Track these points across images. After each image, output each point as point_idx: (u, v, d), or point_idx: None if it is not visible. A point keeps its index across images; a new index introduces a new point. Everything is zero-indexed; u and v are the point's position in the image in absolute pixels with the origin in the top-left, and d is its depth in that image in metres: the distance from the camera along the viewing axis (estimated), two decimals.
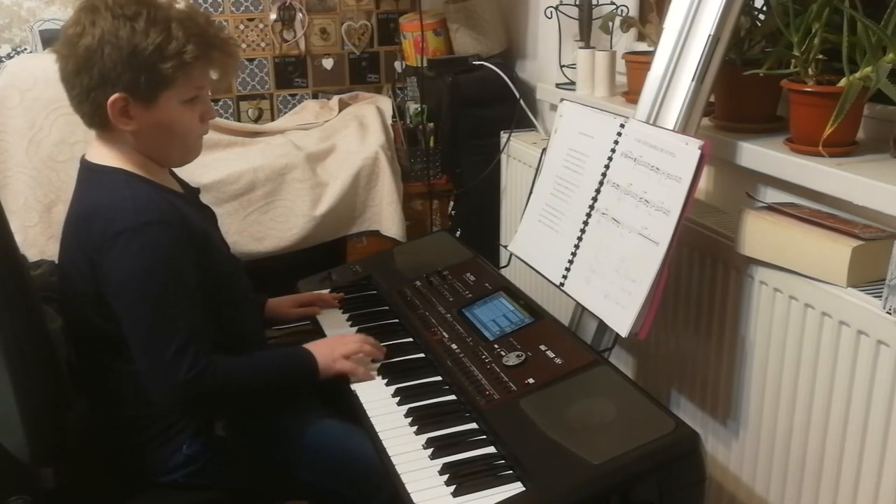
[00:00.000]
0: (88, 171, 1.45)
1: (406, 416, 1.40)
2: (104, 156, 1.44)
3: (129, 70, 1.35)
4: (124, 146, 1.43)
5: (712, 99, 1.62)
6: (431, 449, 1.30)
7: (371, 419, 1.40)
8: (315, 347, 1.54)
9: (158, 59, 1.36)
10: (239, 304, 1.55)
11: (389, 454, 1.30)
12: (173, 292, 1.36)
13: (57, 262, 1.52)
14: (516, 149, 2.39)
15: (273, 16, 3.02)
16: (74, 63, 1.37)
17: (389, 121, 2.73)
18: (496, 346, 1.51)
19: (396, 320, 1.73)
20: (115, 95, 1.36)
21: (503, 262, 2.06)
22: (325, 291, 1.91)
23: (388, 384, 1.50)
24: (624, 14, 2.06)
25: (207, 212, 1.64)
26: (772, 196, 1.55)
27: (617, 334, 1.49)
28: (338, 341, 1.57)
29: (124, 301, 1.36)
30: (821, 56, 1.41)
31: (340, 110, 2.90)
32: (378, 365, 1.56)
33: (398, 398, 1.46)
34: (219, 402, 1.45)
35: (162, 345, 1.35)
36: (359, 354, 1.54)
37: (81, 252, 1.39)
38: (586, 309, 1.58)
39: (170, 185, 1.50)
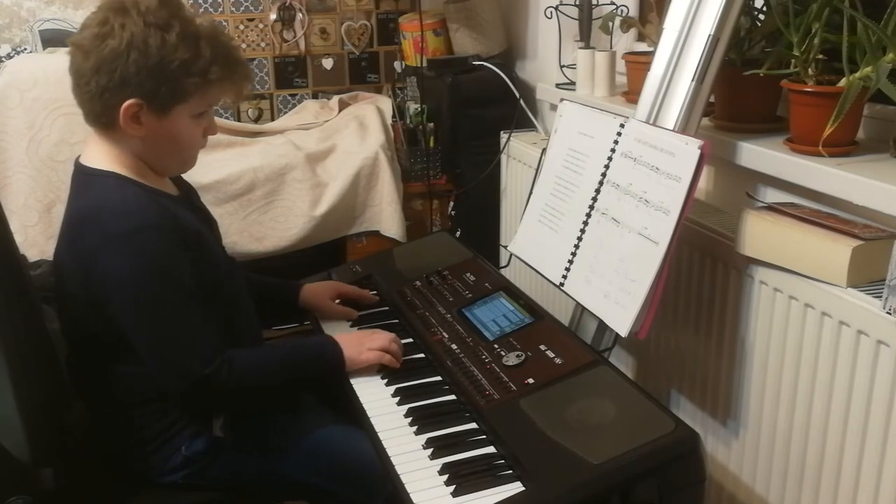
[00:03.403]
0: (81, 175, 1.45)
1: (406, 416, 1.40)
2: (98, 157, 1.43)
3: (152, 79, 1.35)
4: (123, 147, 1.42)
5: (712, 99, 1.62)
6: (431, 449, 1.30)
7: (371, 419, 1.40)
8: (342, 339, 1.55)
9: (183, 74, 1.37)
10: (235, 305, 1.55)
11: (389, 454, 1.30)
12: (172, 295, 1.36)
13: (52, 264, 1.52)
14: (516, 149, 2.39)
15: (273, 16, 3.02)
16: (96, 61, 1.35)
17: (389, 121, 2.74)
18: (496, 346, 1.51)
19: (396, 320, 1.73)
20: (131, 101, 1.36)
21: (503, 262, 2.06)
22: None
23: (387, 384, 1.50)
24: (624, 14, 2.06)
25: (203, 214, 1.62)
26: (772, 196, 1.55)
27: (617, 334, 1.49)
28: (366, 335, 1.58)
29: (125, 307, 1.36)
30: (821, 56, 1.41)
31: (340, 110, 2.90)
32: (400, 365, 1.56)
33: (398, 398, 1.46)
34: (241, 396, 1.45)
35: (171, 347, 1.37)
36: (387, 350, 1.54)
37: (73, 257, 1.40)
38: (586, 309, 1.58)
39: (163, 187, 1.49)
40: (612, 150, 1.57)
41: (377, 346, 1.54)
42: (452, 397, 1.45)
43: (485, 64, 2.58)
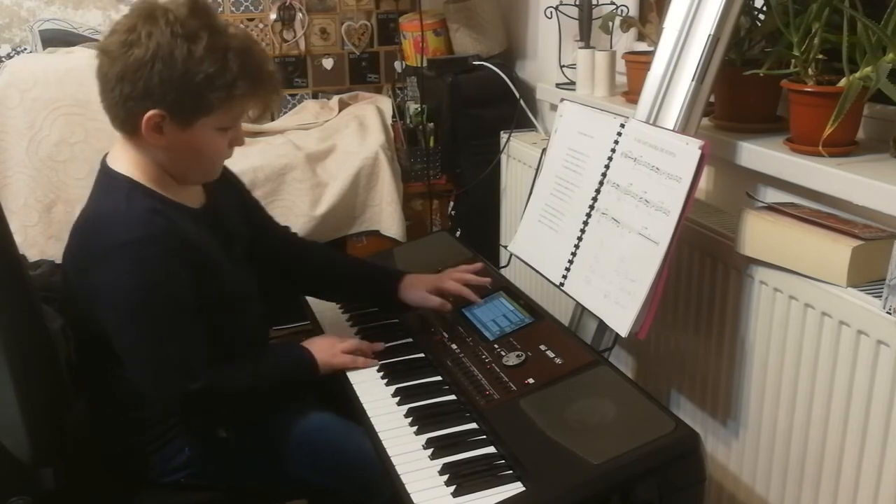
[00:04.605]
0: (103, 175, 1.44)
1: (406, 416, 1.40)
2: (121, 161, 1.42)
3: (175, 91, 1.32)
4: (145, 154, 1.40)
5: (712, 99, 1.62)
6: (431, 449, 1.30)
7: (371, 419, 1.40)
8: (312, 344, 1.56)
9: (207, 88, 1.33)
10: (242, 329, 1.53)
11: (389, 454, 1.31)
12: (164, 309, 1.35)
13: (60, 262, 1.51)
14: (516, 149, 2.39)
15: (273, 16, 3.02)
16: (121, 68, 1.32)
17: (389, 121, 2.74)
18: (496, 346, 1.51)
19: (396, 320, 1.73)
20: (153, 111, 1.33)
21: (503, 262, 2.06)
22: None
23: (388, 384, 1.50)
24: (624, 14, 2.06)
25: (221, 232, 1.53)
26: (772, 196, 1.55)
27: (617, 334, 1.49)
28: (334, 338, 1.60)
29: (117, 318, 1.36)
30: (821, 56, 1.41)
31: (340, 110, 2.90)
32: (377, 365, 1.57)
33: (398, 398, 1.46)
34: (224, 410, 1.46)
35: (159, 362, 1.36)
36: (357, 350, 1.56)
37: (74, 262, 1.40)
38: (586, 309, 1.58)
39: (183, 199, 1.46)
40: (613, 150, 1.57)
41: (348, 347, 1.55)
42: (452, 397, 1.45)
43: (485, 64, 2.58)
